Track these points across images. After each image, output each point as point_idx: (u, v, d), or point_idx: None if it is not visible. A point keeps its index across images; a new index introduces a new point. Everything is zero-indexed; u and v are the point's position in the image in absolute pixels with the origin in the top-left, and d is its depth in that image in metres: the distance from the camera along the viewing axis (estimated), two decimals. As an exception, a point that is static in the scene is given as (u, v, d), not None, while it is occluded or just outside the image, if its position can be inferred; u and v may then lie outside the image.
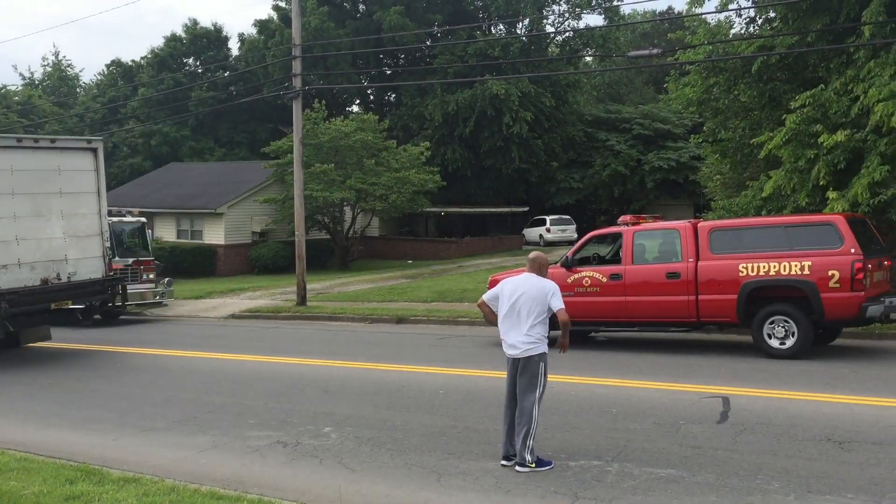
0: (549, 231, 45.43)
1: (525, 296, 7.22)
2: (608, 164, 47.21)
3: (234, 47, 56.29)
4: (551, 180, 48.36)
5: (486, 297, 7.69)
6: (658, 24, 62.94)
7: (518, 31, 49.94)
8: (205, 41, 54.90)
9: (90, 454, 8.02)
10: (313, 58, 41.09)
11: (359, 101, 54.98)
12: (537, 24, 49.64)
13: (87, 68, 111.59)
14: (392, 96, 52.54)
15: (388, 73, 52.10)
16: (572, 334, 14.59)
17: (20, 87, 58.06)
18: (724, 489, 6.40)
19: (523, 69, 42.27)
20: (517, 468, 7.05)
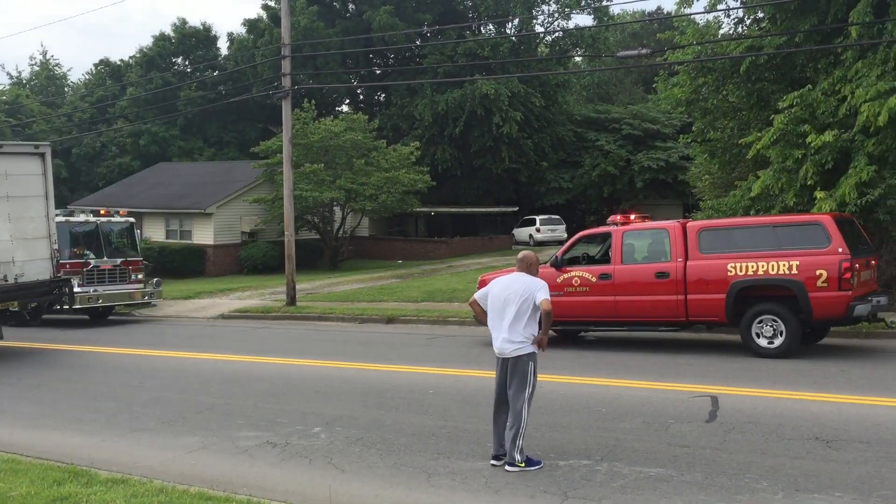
0: (538, 231, 45.48)
1: (514, 295, 7.21)
2: (598, 164, 47.35)
3: (224, 47, 56.25)
4: (541, 180, 48.44)
5: (477, 295, 7.68)
6: (647, 25, 63.16)
7: (508, 31, 50.00)
8: (194, 40, 54.71)
9: (78, 455, 7.98)
10: (303, 57, 41.02)
11: (348, 101, 54.91)
12: (527, 24, 49.70)
13: (76, 68, 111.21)
14: (382, 96, 52.51)
15: (377, 72, 52.09)
16: (562, 334, 14.75)
17: (7, 87, 57.59)
18: (713, 488, 6.43)
19: (513, 69, 42.33)
20: (507, 468, 7.05)
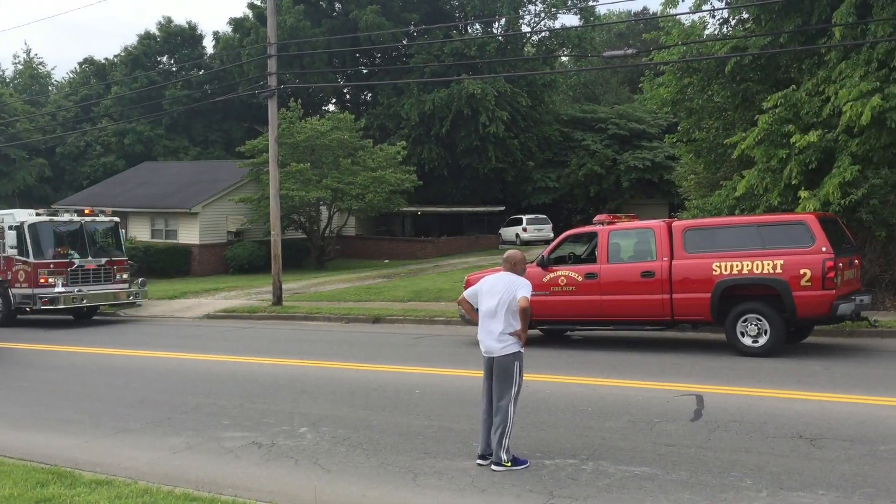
0: (525, 230, 45.52)
1: (500, 294, 7.22)
2: (584, 164, 47.47)
3: (209, 45, 55.92)
4: (527, 180, 48.51)
5: (466, 293, 7.69)
6: (633, 25, 63.42)
7: (494, 31, 50.02)
8: (179, 39, 54.44)
9: (62, 456, 7.92)
10: (289, 56, 40.87)
11: (335, 101, 54.77)
12: (513, 23, 49.77)
13: (60, 66, 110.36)
14: (368, 95, 52.44)
15: (364, 72, 52.00)
16: (548, 334, 14.78)
17: (-10, 85, 57.21)
18: (698, 486, 6.46)
19: (499, 69, 42.39)
20: (493, 467, 7.06)
